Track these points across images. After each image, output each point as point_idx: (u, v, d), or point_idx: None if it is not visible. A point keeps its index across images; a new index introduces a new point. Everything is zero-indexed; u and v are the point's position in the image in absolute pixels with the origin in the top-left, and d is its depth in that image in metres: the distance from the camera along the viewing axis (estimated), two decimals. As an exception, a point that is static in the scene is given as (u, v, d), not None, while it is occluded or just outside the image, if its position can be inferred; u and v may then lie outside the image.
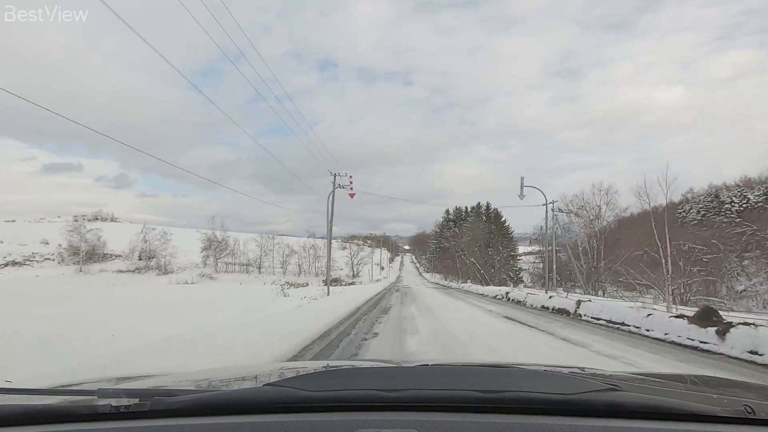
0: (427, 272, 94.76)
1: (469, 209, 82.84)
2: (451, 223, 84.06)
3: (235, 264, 65.60)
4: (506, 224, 70.80)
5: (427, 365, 1.45)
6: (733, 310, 19.50)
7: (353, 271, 68.27)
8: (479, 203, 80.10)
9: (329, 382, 1.04)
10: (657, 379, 1.44)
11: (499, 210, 72.52)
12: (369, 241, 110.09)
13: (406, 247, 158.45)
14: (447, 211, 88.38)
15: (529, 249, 66.92)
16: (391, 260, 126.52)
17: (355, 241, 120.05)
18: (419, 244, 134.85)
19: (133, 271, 58.97)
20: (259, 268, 64.99)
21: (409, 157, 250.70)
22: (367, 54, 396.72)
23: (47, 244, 63.97)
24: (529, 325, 10.50)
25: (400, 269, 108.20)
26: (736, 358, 6.43)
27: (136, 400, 0.88)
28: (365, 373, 1.32)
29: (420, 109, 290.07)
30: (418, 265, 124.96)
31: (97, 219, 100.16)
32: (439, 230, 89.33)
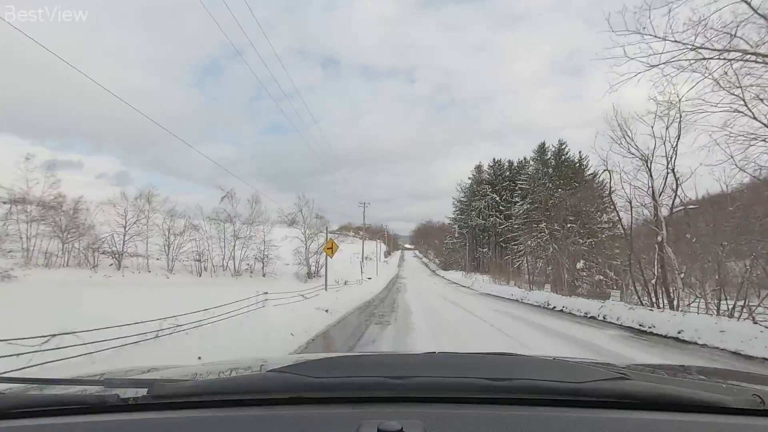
0: (446, 269, 61.46)
1: (514, 163, 49.99)
2: (486, 186, 51.34)
3: (91, 250, 33.38)
4: (594, 177, 36.49)
5: (434, 353, 1.45)
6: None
7: (310, 269, 35.81)
8: (543, 143, 46.55)
9: (335, 370, 1.04)
10: (664, 370, 1.46)
11: (582, 155, 39.60)
12: (361, 233, 79.48)
13: (408, 246, 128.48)
14: (478, 168, 54.84)
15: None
16: (388, 254, 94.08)
17: (345, 232, 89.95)
18: (425, 236, 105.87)
19: None
20: (119, 259, 32.57)
21: (412, 155, 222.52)
22: (371, 51, 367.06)
23: None
24: None
25: (399, 266, 75.14)
26: None
27: (144, 392, 0.86)
28: (372, 361, 1.31)
29: (423, 106, 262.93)
30: (426, 261, 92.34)
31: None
32: (466, 200, 56.01)
